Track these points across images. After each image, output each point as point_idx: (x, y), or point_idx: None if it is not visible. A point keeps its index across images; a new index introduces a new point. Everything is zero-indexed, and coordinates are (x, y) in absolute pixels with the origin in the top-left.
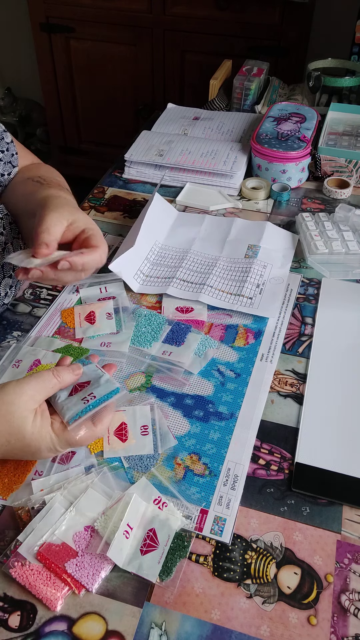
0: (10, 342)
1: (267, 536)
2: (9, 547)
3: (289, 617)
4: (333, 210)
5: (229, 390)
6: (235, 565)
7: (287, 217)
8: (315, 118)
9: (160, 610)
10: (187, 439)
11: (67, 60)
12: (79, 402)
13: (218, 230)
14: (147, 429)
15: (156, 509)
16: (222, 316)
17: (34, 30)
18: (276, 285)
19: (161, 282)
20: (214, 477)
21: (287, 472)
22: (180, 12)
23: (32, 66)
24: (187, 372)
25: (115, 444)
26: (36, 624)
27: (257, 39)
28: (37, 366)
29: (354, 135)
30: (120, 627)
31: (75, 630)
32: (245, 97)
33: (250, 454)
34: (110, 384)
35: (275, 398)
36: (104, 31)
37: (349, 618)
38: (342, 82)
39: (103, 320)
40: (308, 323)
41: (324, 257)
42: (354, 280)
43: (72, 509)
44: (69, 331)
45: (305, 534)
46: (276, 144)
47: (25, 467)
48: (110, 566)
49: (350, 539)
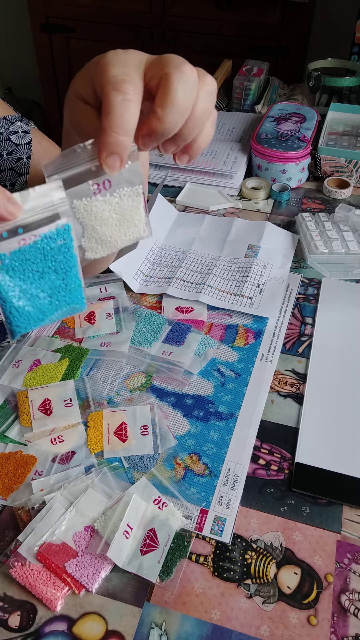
0: (10, 342)
1: (267, 536)
2: (9, 547)
3: (289, 617)
4: (333, 210)
5: (229, 390)
6: (235, 565)
7: (287, 217)
8: (315, 118)
9: (160, 610)
10: (187, 439)
11: (67, 60)
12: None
13: (218, 230)
14: (147, 429)
15: (156, 509)
16: (222, 316)
17: (34, 30)
18: (276, 285)
19: (161, 282)
20: (214, 477)
21: (287, 472)
22: (180, 12)
23: (32, 66)
24: (187, 372)
25: (115, 444)
26: (36, 624)
27: (257, 39)
28: (37, 366)
29: (354, 135)
30: (120, 627)
31: (75, 630)
32: (245, 97)
33: (250, 454)
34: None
35: (275, 398)
36: (104, 31)
37: (349, 618)
38: (342, 82)
39: (103, 320)
40: (308, 323)
41: (324, 257)
42: (354, 280)
43: (72, 509)
44: (69, 331)
45: (305, 534)
46: (276, 144)
47: (25, 467)
48: (110, 566)
49: (350, 539)
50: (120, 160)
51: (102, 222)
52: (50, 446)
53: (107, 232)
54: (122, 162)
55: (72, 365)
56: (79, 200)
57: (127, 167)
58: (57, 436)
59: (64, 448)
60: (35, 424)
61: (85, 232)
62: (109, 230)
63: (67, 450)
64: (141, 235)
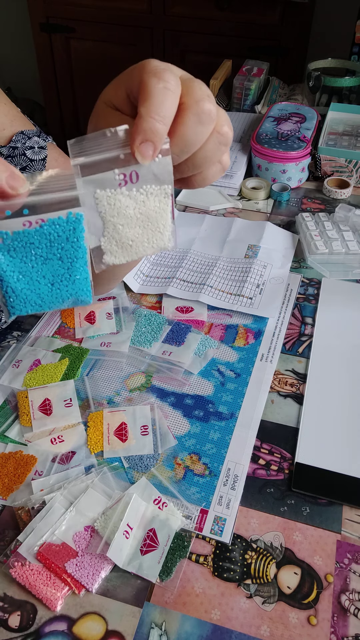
0: (10, 342)
1: (267, 536)
2: (9, 547)
3: (289, 617)
4: (333, 210)
5: (229, 390)
6: (235, 565)
7: (287, 217)
8: (315, 118)
9: (160, 610)
10: (187, 439)
11: (67, 60)
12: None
13: (218, 230)
14: (147, 429)
15: (156, 509)
16: (222, 316)
17: (34, 30)
18: (276, 285)
19: (161, 282)
20: (214, 477)
21: (287, 472)
22: (180, 12)
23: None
24: (187, 372)
25: (115, 444)
26: (36, 624)
27: (257, 39)
28: (37, 366)
29: (354, 135)
30: (120, 627)
31: (75, 630)
32: (245, 97)
33: (250, 454)
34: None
35: (275, 398)
36: (104, 31)
37: (349, 618)
38: (342, 82)
39: (103, 320)
40: (308, 323)
41: (324, 257)
42: (354, 280)
43: (72, 509)
44: (69, 331)
45: (305, 534)
46: (276, 144)
47: (25, 467)
48: (110, 566)
49: (350, 539)
50: (154, 149)
51: (125, 220)
52: (50, 446)
53: (130, 234)
54: (155, 151)
55: (72, 365)
56: (103, 191)
57: (157, 160)
58: (57, 436)
59: (64, 448)
60: (35, 424)
61: (106, 231)
62: (132, 233)
63: (67, 450)
64: (165, 245)
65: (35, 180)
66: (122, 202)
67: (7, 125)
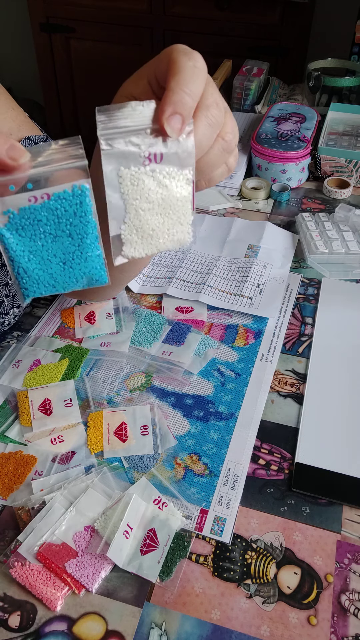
0: (10, 342)
1: (267, 536)
2: (9, 547)
3: (289, 617)
4: (333, 210)
5: (229, 390)
6: (235, 565)
7: (287, 217)
8: (315, 118)
9: (160, 610)
10: (187, 439)
11: (67, 60)
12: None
13: (218, 230)
14: (147, 429)
15: (156, 509)
16: (222, 316)
17: (34, 30)
18: (276, 285)
19: (161, 282)
20: (214, 477)
21: (287, 472)
22: (180, 12)
23: (32, 66)
24: (187, 372)
25: (115, 444)
26: (36, 624)
27: (257, 39)
28: (37, 366)
29: (354, 135)
30: (120, 627)
31: (75, 630)
32: (245, 97)
33: (250, 454)
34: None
35: (275, 398)
36: (104, 31)
37: (349, 618)
38: (342, 82)
39: (103, 320)
40: (308, 323)
41: (324, 257)
42: (354, 280)
43: (72, 509)
44: (69, 331)
45: (305, 534)
46: (276, 144)
47: (25, 467)
48: (110, 566)
49: (350, 539)
50: (182, 122)
51: (147, 203)
52: (50, 446)
53: (151, 221)
54: (183, 125)
55: (72, 365)
56: (127, 169)
57: (181, 140)
58: (57, 436)
59: (64, 448)
60: (35, 424)
61: (127, 215)
62: (153, 220)
63: (67, 450)
64: (185, 240)
65: (40, 154)
66: (145, 183)
67: (15, 130)
